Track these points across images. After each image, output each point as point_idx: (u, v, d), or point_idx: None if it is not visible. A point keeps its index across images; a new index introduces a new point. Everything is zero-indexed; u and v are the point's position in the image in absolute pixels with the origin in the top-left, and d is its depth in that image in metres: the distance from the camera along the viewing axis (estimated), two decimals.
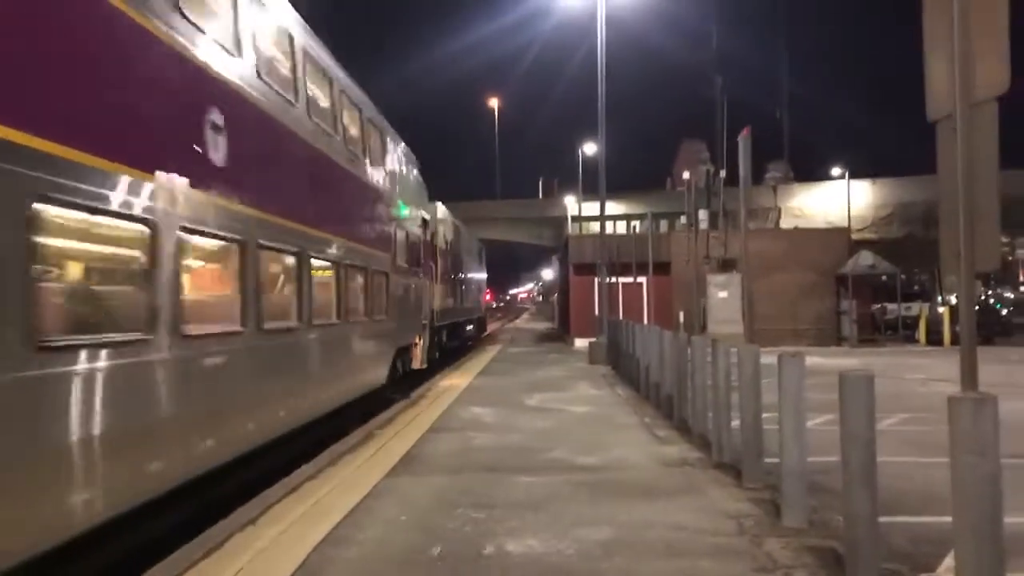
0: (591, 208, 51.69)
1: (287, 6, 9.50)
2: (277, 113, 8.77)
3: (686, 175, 39.21)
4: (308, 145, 9.93)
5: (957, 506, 3.94)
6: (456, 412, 12.91)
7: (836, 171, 63.45)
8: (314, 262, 9.79)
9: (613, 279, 27.40)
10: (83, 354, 5.03)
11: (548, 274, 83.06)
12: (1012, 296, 45.74)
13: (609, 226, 28.02)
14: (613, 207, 54.21)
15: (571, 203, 62.51)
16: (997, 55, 4.19)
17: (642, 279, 29.32)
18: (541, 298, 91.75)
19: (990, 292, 43.98)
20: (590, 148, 50.23)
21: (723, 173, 28.29)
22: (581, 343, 28.46)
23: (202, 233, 6.76)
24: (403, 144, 17.03)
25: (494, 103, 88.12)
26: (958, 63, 4.27)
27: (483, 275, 42.90)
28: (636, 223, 38.26)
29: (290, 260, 9.13)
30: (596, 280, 26.40)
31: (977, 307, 5.20)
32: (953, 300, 32.74)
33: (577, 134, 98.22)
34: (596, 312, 26.56)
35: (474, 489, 7.53)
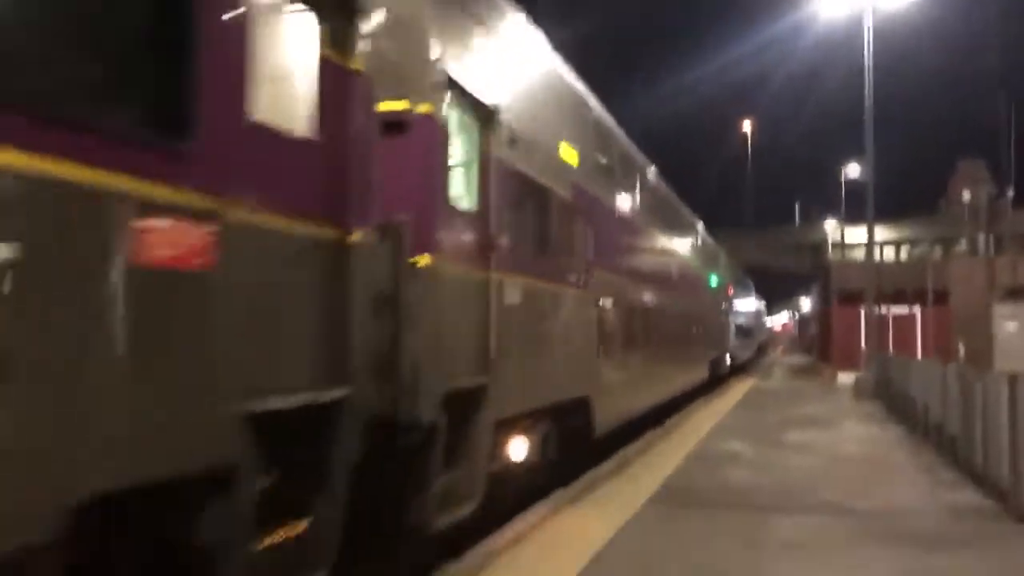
0: (852, 234, 48.56)
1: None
2: None
3: (966, 195, 35.35)
4: None
5: None
6: (711, 446, 12.51)
7: None
8: None
9: (882, 310, 25.45)
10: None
11: (805, 304, 78.64)
12: None
13: (875, 252, 26.07)
14: (879, 232, 50.45)
15: (831, 227, 58.91)
16: None
17: (915, 309, 27.01)
18: (798, 330, 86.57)
19: None
20: (852, 170, 47.15)
21: (1011, 193, 25.43)
22: (844, 378, 26.67)
23: None
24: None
25: (746, 125, 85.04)
26: None
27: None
28: (904, 249, 35.37)
29: None
30: (862, 311, 24.68)
31: None
32: None
33: (836, 154, 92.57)
34: (862, 345, 24.81)
35: (735, 528, 7.18)
